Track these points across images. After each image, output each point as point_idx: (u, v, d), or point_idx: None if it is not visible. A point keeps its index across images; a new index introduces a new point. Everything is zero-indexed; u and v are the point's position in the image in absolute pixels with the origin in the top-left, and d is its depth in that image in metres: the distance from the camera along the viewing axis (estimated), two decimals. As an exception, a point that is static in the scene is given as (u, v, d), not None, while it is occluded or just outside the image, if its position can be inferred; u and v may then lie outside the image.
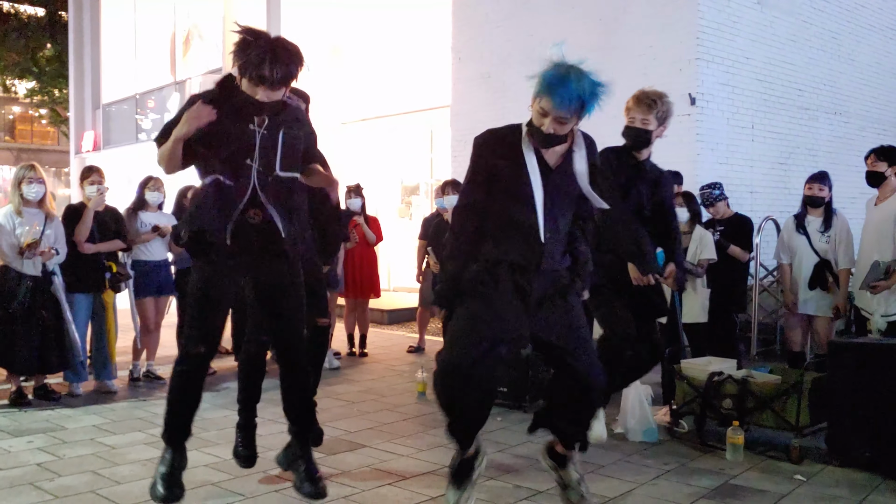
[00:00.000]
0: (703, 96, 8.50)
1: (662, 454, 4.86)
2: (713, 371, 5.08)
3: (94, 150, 19.01)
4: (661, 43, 8.70)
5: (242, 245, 3.32)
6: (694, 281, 5.78)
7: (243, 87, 3.24)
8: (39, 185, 5.90)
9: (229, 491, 4.13)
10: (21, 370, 5.99)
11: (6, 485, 4.20)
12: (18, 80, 25.92)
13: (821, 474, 4.49)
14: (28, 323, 5.80)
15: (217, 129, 3.22)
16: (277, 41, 3.21)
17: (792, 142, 9.69)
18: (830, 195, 5.97)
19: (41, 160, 17.90)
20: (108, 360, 6.42)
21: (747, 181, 9.06)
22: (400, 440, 5.09)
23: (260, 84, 3.16)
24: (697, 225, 5.90)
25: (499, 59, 10.37)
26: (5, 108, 37.04)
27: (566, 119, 2.95)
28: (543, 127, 2.95)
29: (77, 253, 6.13)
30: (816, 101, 10.07)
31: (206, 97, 3.26)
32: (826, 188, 5.93)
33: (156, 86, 17.21)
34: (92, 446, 4.94)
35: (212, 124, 3.19)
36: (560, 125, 2.96)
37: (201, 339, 3.39)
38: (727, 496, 4.14)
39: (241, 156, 3.27)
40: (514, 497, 4.01)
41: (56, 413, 5.75)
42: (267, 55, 3.13)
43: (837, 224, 5.93)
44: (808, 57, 9.92)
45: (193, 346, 3.39)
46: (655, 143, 4.40)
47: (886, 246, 5.39)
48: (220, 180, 3.27)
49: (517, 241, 3.14)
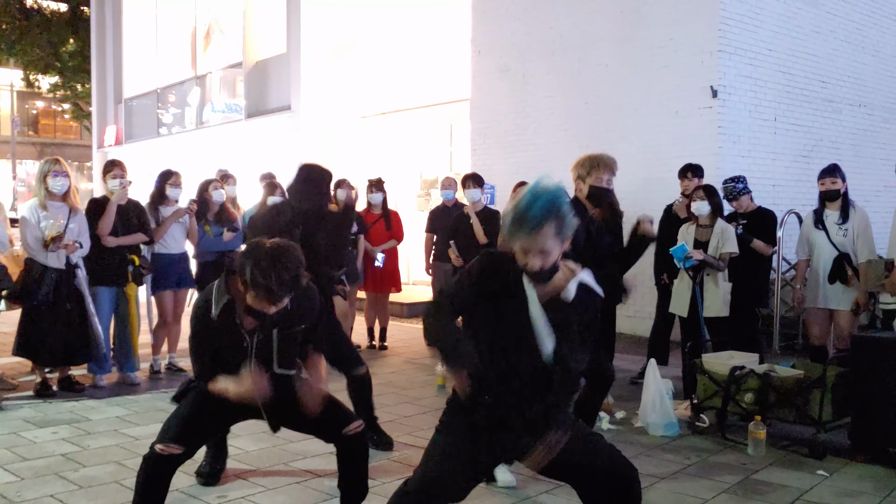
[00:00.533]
0: (725, 88, 8.42)
1: (683, 449, 4.84)
2: (735, 365, 5.04)
3: (116, 144, 19.17)
4: (683, 35, 8.62)
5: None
6: (715, 275, 5.74)
7: (248, 300, 3.17)
8: (64, 178, 5.96)
9: (250, 482, 4.16)
10: (46, 362, 6.06)
11: (31, 474, 4.25)
12: (42, 75, 26.16)
13: (844, 470, 4.45)
14: (52, 315, 5.86)
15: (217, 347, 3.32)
16: (275, 251, 3.11)
17: (815, 134, 9.58)
18: (845, 186, 5.91)
19: (64, 154, 18.03)
20: (130, 353, 6.48)
21: (770, 174, 8.97)
22: (420, 433, 5.10)
23: (267, 299, 3.11)
24: (719, 218, 5.85)
25: (519, 51, 10.33)
26: (29, 103, 37.42)
27: (547, 249, 2.65)
28: (528, 266, 2.68)
29: (100, 246, 6.18)
30: (840, 93, 9.95)
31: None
32: (839, 180, 5.89)
33: (177, 80, 17.32)
34: (116, 437, 5.00)
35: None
36: (545, 256, 2.67)
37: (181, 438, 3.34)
38: (749, 491, 4.12)
39: (237, 361, 3.29)
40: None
41: (80, 404, 5.81)
42: (272, 267, 3.04)
43: (855, 217, 5.87)
44: (831, 48, 9.80)
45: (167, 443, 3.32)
46: (677, 134, 4.34)
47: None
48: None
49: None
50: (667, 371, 5.01)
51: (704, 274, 5.76)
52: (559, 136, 9.70)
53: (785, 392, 4.80)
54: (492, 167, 10.30)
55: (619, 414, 5.51)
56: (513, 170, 9.61)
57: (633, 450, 4.73)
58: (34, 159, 33.74)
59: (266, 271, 3.02)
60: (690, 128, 8.47)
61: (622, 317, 7.33)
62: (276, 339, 3.32)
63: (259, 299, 3.11)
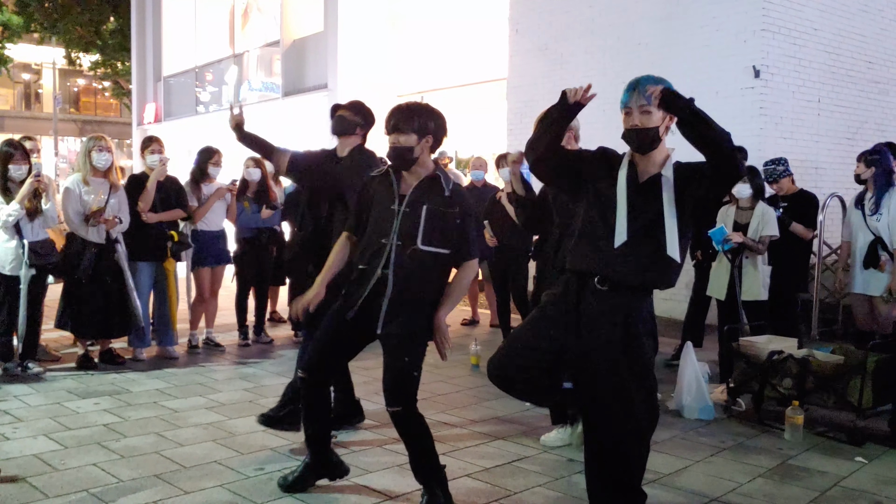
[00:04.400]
0: (767, 69, 8.25)
1: (719, 432, 4.81)
2: (773, 350, 4.98)
3: (156, 121, 19.38)
4: (726, 13, 8.46)
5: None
6: (755, 258, 5.66)
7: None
8: (108, 154, 6.05)
9: (287, 455, 4.22)
10: (87, 334, 6.19)
11: (75, 444, 4.36)
12: (83, 53, 26.48)
13: (883, 457, 4.39)
14: (92, 289, 5.97)
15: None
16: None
17: (860, 116, 9.36)
18: (874, 171, 5.77)
19: (104, 131, 18.19)
20: (169, 327, 6.59)
21: (812, 157, 8.80)
22: (453, 411, 5.13)
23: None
24: (760, 201, 5.76)
25: (557, 31, 10.22)
26: (70, 81, 37.96)
27: (649, 108, 3.05)
28: (630, 124, 3.10)
29: (140, 222, 6.27)
30: (888, 74, 9.70)
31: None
32: (863, 164, 5.79)
33: (215, 58, 17.43)
34: (155, 409, 5.09)
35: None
36: (646, 116, 3.06)
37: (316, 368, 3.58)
38: (785, 476, 4.08)
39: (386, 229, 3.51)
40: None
41: (121, 377, 5.93)
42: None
43: (890, 201, 5.73)
44: (879, 28, 9.54)
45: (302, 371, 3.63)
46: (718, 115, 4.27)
47: None
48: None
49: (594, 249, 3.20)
50: (703, 354, 4.96)
51: (744, 257, 5.69)
52: (597, 117, 9.49)
53: (824, 377, 4.73)
54: (528, 147, 10.22)
55: (653, 396, 5.47)
56: (549, 150, 9.52)
57: (668, 432, 4.70)
58: (75, 136, 34.26)
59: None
60: (732, 108, 8.32)
61: (658, 299, 7.28)
62: (424, 215, 3.41)
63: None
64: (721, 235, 5.63)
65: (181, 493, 3.69)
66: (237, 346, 7.11)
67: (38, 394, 5.38)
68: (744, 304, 5.66)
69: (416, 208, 3.42)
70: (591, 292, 3.13)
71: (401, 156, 3.46)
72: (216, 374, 6.10)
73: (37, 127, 33.10)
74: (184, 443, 4.42)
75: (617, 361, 3.08)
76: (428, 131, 3.47)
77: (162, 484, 3.80)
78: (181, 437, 4.52)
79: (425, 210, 3.40)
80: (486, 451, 4.35)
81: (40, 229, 5.88)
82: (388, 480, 3.91)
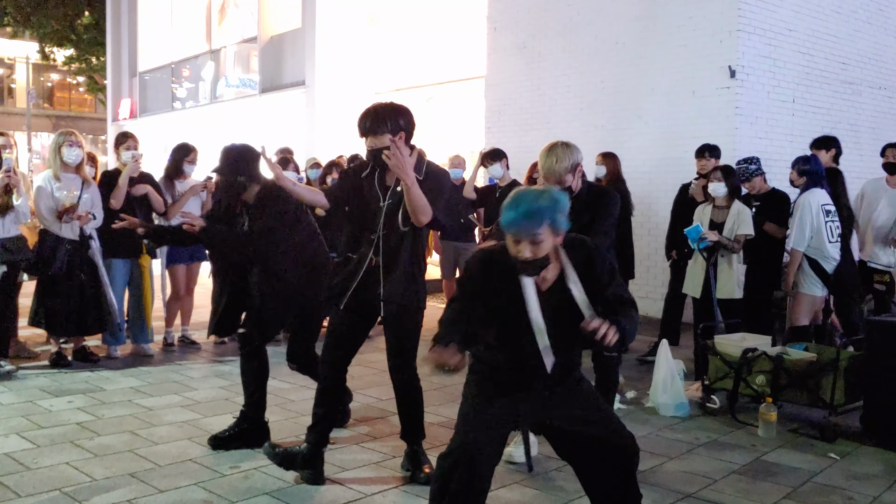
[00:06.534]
0: (743, 69, 8.33)
1: (693, 429, 4.85)
2: (747, 347, 5.03)
3: (131, 117, 19.19)
4: (702, 13, 8.52)
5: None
6: (730, 257, 5.71)
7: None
8: (79, 149, 5.98)
9: (262, 454, 4.19)
10: (61, 332, 6.11)
11: (48, 442, 4.31)
12: (57, 48, 26.14)
13: (854, 453, 4.45)
14: (66, 286, 5.90)
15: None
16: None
17: (834, 116, 9.47)
18: (801, 180, 5.85)
19: (78, 127, 18.00)
20: (144, 325, 6.53)
21: (787, 156, 8.85)
22: (430, 409, 5.11)
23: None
24: (736, 200, 5.81)
25: (535, 29, 10.24)
26: (44, 76, 37.49)
27: (540, 238, 2.69)
28: (521, 255, 2.71)
29: (114, 219, 6.19)
30: (860, 74, 9.82)
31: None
32: (794, 171, 5.92)
33: (191, 54, 17.29)
34: (130, 407, 5.05)
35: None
36: (537, 246, 2.70)
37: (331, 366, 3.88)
38: (759, 472, 4.12)
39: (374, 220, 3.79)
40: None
41: (95, 375, 5.87)
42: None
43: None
44: (853, 29, 9.66)
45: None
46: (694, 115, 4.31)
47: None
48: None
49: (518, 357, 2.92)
50: (679, 352, 5.00)
51: (719, 255, 5.73)
52: (574, 115, 9.63)
53: (797, 375, 4.79)
54: (506, 145, 10.18)
55: (629, 394, 5.51)
56: (527, 148, 9.54)
57: (643, 429, 4.74)
58: (49, 132, 33.83)
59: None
60: (708, 108, 8.39)
61: (634, 297, 7.33)
62: (404, 202, 3.63)
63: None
64: (697, 234, 5.67)
65: (155, 492, 3.66)
66: (213, 344, 7.06)
67: (10, 392, 5.31)
68: (719, 302, 5.70)
69: (398, 198, 3.68)
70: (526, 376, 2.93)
71: (378, 157, 3.64)
72: (191, 372, 6.06)
73: (10, 122, 32.67)
74: (158, 441, 4.39)
75: (570, 403, 2.94)
76: (399, 128, 3.68)
77: (136, 482, 3.77)
78: (156, 436, 4.48)
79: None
80: (463, 449, 4.35)
81: (12, 226, 5.78)
82: (364, 477, 3.90)
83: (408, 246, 3.74)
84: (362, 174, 3.82)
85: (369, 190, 3.76)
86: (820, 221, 5.64)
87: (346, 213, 3.90)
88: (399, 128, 3.67)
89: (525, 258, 2.71)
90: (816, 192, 5.73)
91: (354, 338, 3.92)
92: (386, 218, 3.71)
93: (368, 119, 3.66)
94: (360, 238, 3.87)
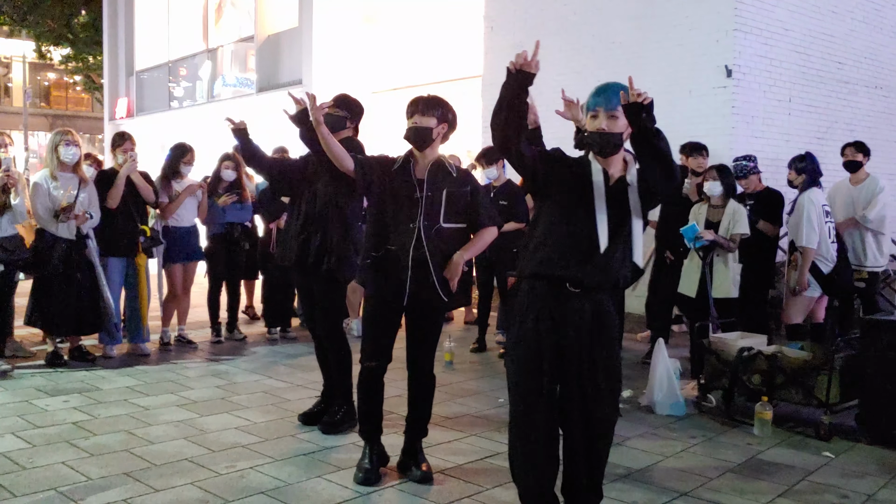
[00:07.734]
0: (739, 68, 8.33)
1: (689, 428, 4.85)
2: (743, 346, 5.04)
3: (128, 116, 19.15)
4: (699, 13, 8.53)
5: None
6: (725, 256, 5.72)
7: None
8: (76, 148, 5.97)
9: (258, 453, 4.20)
10: (57, 331, 6.11)
11: (43, 442, 4.31)
12: (54, 47, 26.08)
13: (849, 452, 4.46)
14: (63, 285, 5.90)
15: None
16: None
17: (830, 116, 9.48)
18: (799, 178, 6.08)
19: (75, 126, 17.97)
20: (140, 324, 6.53)
21: (783, 156, 8.87)
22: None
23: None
24: (731, 199, 5.82)
25: (532, 28, 10.24)
26: (41, 75, 37.41)
27: (616, 114, 3.05)
28: (598, 127, 3.06)
29: (111, 217, 6.20)
30: (856, 74, 9.83)
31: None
32: (792, 171, 6.12)
33: (188, 53, 17.26)
34: (126, 407, 5.04)
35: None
36: (612, 121, 3.05)
37: (373, 355, 3.84)
38: (754, 470, 4.13)
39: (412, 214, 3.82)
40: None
41: (91, 374, 5.86)
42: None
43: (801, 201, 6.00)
44: (849, 29, 9.67)
45: (367, 361, 3.85)
46: (691, 114, 4.34)
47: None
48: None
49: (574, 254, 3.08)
50: (674, 351, 5.01)
51: (714, 254, 5.74)
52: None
53: (792, 373, 4.80)
54: (503, 145, 10.25)
55: (625, 393, 5.51)
56: (524, 148, 9.55)
57: (639, 428, 4.75)
58: (46, 131, 33.78)
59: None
60: (704, 107, 8.39)
61: (630, 296, 7.34)
62: (444, 197, 3.76)
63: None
64: (693, 233, 5.68)
65: (151, 491, 3.66)
66: (209, 343, 7.06)
67: (5, 391, 5.30)
68: (714, 302, 5.71)
69: (437, 192, 3.76)
70: (562, 296, 3.06)
71: (420, 135, 3.76)
72: (188, 372, 6.06)
73: (7, 121, 32.59)
74: (154, 440, 4.39)
75: (591, 350, 3.07)
76: (446, 119, 3.82)
77: (132, 482, 3.77)
78: (152, 435, 4.48)
79: (445, 193, 3.76)
80: (459, 448, 4.36)
81: (9, 225, 5.78)
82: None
83: (449, 241, 3.80)
84: (393, 166, 3.85)
85: (404, 182, 3.78)
86: (821, 221, 5.65)
87: (377, 203, 3.86)
88: (445, 118, 3.81)
89: (601, 129, 3.01)
90: (816, 192, 5.75)
91: (394, 330, 3.93)
92: (426, 208, 3.74)
93: (421, 102, 3.79)
94: (389, 230, 3.80)
